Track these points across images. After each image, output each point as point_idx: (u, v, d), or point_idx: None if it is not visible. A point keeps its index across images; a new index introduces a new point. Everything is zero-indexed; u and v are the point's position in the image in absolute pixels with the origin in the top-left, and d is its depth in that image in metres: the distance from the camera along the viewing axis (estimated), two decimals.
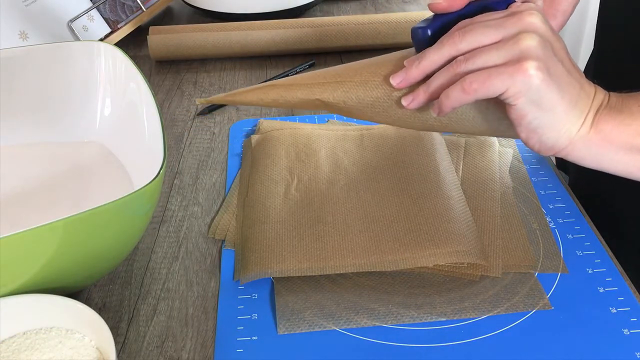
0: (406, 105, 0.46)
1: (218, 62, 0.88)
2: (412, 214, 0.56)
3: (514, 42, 0.42)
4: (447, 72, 0.44)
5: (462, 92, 0.42)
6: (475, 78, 0.42)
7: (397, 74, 0.46)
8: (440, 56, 0.44)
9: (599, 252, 0.55)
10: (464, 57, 0.43)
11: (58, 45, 0.63)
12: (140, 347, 0.48)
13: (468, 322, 0.49)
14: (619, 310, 0.49)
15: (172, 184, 0.65)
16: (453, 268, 0.52)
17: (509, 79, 0.41)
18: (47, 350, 0.43)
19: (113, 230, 0.45)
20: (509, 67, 0.41)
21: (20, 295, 0.43)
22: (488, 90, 0.42)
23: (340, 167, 0.63)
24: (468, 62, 0.43)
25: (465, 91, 0.42)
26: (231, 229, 0.58)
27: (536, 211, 0.59)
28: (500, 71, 0.41)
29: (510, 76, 0.41)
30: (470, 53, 0.43)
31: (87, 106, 0.65)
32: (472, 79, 0.42)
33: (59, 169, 0.63)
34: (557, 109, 0.42)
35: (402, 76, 0.46)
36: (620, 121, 0.43)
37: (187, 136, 0.73)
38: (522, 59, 0.41)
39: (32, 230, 0.40)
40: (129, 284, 0.53)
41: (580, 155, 0.44)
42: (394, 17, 0.88)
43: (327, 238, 0.54)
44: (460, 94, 0.42)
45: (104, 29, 0.88)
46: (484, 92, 0.42)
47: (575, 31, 1.76)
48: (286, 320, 0.49)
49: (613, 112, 0.44)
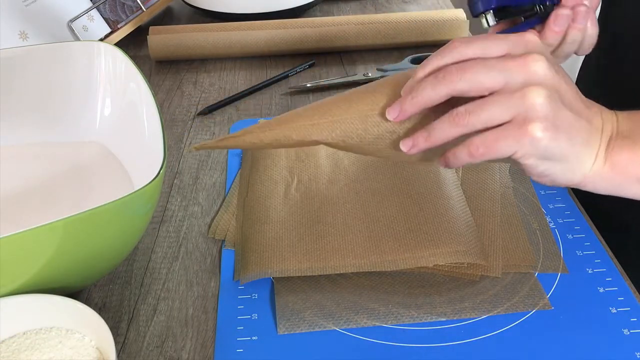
0: (406, 151, 0.43)
1: (218, 62, 0.88)
2: (412, 214, 0.56)
3: (520, 98, 0.39)
4: (447, 123, 0.41)
5: (469, 156, 0.41)
6: (482, 142, 0.40)
7: (392, 106, 0.43)
8: (436, 93, 0.41)
9: (599, 252, 0.55)
10: (465, 109, 0.40)
11: (58, 45, 0.63)
12: (140, 347, 0.48)
13: (468, 322, 0.49)
14: (619, 310, 0.49)
15: (172, 184, 0.65)
16: (453, 268, 0.52)
17: (516, 144, 0.40)
18: (47, 350, 0.43)
19: (113, 230, 0.45)
20: (514, 130, 0.39)
21: (20, 295, 0.43)
22: (496, 154, 0.40)
23: (340, 167, 0.63)
24: (471, 116, 0.40)
25: (472, 155, 0.41)
26: (231, 229, 0.58)
27: (536, 211, 0.59)
28: (507, 135, 0.40)
29: (517, 140, 0.40)
30: (472, 105, 0.40)
31: (87, 106, 0.65)
32: (479, 143, 0.40)
33: (59, 169, 0.63)
34: (568, 157, 0.41)
35: (398, 110, 0.43)
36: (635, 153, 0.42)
37: (187, 136, 0.73)
38: (527, 121, 0.39)
39: (32, 230, 0.40)
40: (129, 284, 0.53)
41: (595, 188, 0.44)
42: (394, 17, 0.88)
43: (327, 238, 0.54)
44: (467, 157, 0.41)
45: (104, 29, 0.88)
46: (492, 156, 0.40)
47: None
48: (286, 320, 0.49)
49: (626, 143, 0.43)
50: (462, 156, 0.41)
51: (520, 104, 0.39)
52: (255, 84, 0.81)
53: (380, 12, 1.01)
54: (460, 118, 0.40)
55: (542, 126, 0.39)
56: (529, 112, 0.39)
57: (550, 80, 0.40)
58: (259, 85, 0.81)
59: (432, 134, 0.42)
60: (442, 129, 0.41)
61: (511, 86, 0.40)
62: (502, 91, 0.40)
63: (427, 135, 0.42)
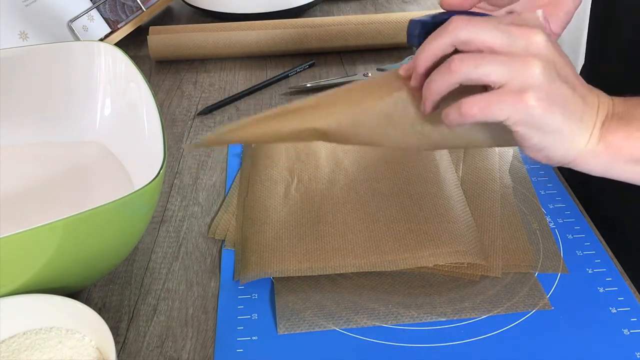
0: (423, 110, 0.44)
1: (218, 62, 0.88)
2: (412, 214, 0.56)
3: (521, 63, 0.40)
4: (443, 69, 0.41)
5: (460, 116, 0.41)
6: (476, 103, 0.40)
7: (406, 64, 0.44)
8: (440, 43, 0.42)
9: (599, 252, 0.55)
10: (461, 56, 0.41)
11: (58, 45, 0.63)
12: (140, 347, 0.48)
13: (468, 322, 0.49)
14: (619, 310, 0.49)
15: (172, 184, 0.65)
16: (453, 268, 0.52)
17: (509, 108, 0.40)
18: (47, 350, 0.43)
19: (113, 230, 0.45)
20: (510, 96, 0.40)
21: (20, 295, 0.43)
22: (487, 117, 0.41)
23: (340, 167, 0.63)
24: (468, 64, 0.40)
25: (462, 115, 0.41)
26: (231, 229, 0.58)
27: (536, 211, 0.59)
28: (502, 99, 0.40)
29: (511, 106, 0.40)
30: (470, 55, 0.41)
31: (87, 106, 0.65)
32: (472, 103, 0.40)
33: (59, 169, 0.63)
34: (562, 131, 0.42)
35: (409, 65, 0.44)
36: (629, 133, 0.42)
37: (187, 136, 0.73)
38: (523, 90, 0.40)
39: (32, 230, 0.40)
40: (129, 284, 0.53)
41: (589, 167, 0.44)
42: (394, 17, 0.88)
43: (327, 238, 0.54)
44: (458, 118, 0.41)
45: (104, 29, 0.88)
46: (483, 118, 0.41)
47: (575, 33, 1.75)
48: (286, 320, 0.49)
49: (621, 124, 0.43)
50: (452, 117, 0.41)
51: (519, 69, 0.40)
52: (255, 84, 0.81)
53: (380, 12, 1.01)
54: (455, 64, 0.41)
55: (536, 95, 0.40)
56: (527, 80, 0.40)
57: (550, 53, 0.41)
58: (259, 85, 0.81)
59: (430, 86, 0.42)
60: (439, 78, 0.42)
61: (513, 50, 0.40)
62: (504, 52, 0.40)
63: (427, 89, 0.43)
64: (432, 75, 0.42)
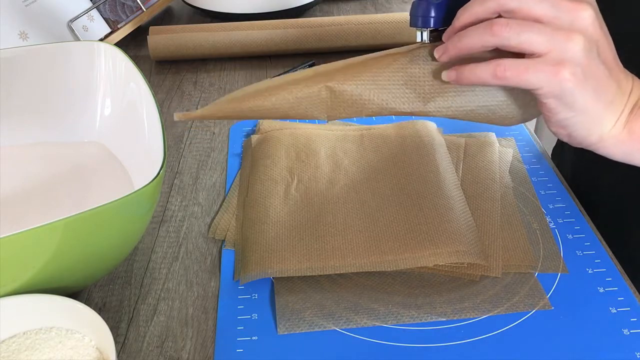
0: (438, 57, 0.44)
1: (218, 62, 0.88)
2: (412, 214, 0.56)
3: (564, 37, 0.40)
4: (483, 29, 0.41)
5: (491, 76, 0.41)
6: (511, 66, 0.40)
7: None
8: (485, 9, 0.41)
9: (599, 252, 0.55)
10: (506, 21, 0.40)
11: (58, 45, 0.63)
12: (140, 347, 0.48)
13: (468, 322, 0.49)
14: (619, 310, 0.49)
15: (172, 184, 0.65)
16: (453, 268, 0.52)
17: (544, 78, 0.40)
18: (47, 350, 0.43)
19: (113, 230, 0.45)
20: (548, 66, 0.40)
21: (20, 295, 0.43)
22: (520, 82, 0.40)
23: (340, 167, 0.63)
24: (512, 29, 0.40)
25: (495, 76, 0.41)
26: (231, 229, 0.58)
27: (536, 211, 0.59)
28: (540, 68, 0.40)
29: (547, 76, 0.40)
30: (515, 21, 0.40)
31: (87, 106, 0.65)
32: (508, 66, 0.40)
33: (59, 169, 0.63)
34: (590, 111, 0.42)
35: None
36: None
37: (187, 136, 0.73)
38: (561, 62, 0.40)
39: (32, 230, 0.40)
40: (129, 284, 0.53)
41: (610, 152, 0.44)
42: (394, 17, 0.88)
43: (327, 238, 0.54)
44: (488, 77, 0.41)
45: (104, 29, 0.88)
46: (515, 82, 0.41)
47: None
48: (286, 320, 0.49)
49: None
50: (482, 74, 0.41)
51: (561, 42, 0.40)
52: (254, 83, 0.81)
53: (380, 12, 1.01)
54: (499, 27, 0.40)
55: (573, 70, 0.40)
56: (566, 53, 0.40)
57: (595, 31, 0.41)
58: None
59: (463, 39, 0.42)
60: (475, 35, 0.41)
61: (558, 22, 0.40)
62: (549, 24, 0.40)
63: (457, 40, 0.42)
64: (468, 30, 0.42)
